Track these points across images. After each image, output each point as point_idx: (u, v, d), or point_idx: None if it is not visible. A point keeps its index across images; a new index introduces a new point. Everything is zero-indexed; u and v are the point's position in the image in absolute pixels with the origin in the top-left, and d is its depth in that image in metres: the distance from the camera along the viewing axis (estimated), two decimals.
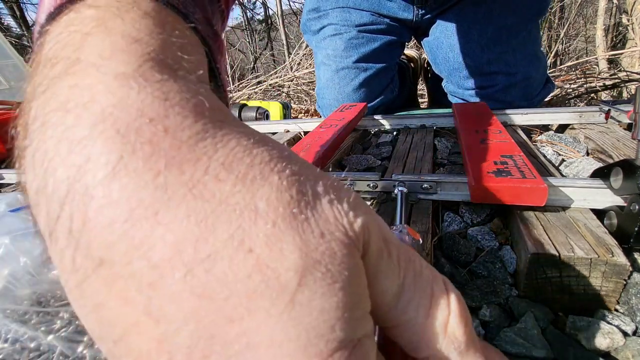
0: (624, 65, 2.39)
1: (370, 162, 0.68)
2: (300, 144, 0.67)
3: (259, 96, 2.77)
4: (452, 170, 0.61)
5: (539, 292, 0.37)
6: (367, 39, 1.10)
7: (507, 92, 1.01)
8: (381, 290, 0.15)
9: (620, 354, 0.31)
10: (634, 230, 0.36)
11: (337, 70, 1.12)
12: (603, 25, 3.24)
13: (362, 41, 1.10)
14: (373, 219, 0.15)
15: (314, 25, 1.20)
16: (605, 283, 0.34)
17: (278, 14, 4.77)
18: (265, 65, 7.03)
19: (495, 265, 0.40)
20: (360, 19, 1.11)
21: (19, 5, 6.30)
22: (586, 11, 5.01)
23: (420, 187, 0.49)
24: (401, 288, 0.15)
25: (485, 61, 0.99)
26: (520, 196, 0.42)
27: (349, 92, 1.12)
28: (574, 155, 0.63)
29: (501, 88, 1.01)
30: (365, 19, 1.11)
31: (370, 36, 1.11)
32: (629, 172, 0.39)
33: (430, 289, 0.16)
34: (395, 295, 0.15)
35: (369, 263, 0.14)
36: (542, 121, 0.78)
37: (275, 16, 6.01)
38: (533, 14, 0.98)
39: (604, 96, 1.79)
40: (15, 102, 1.33)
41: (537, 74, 1.01)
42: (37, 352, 0.34)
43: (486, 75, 1.01)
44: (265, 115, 1.33)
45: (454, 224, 0.47)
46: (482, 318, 0.35)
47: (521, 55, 0.99)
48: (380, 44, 1.11)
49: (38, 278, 0.38)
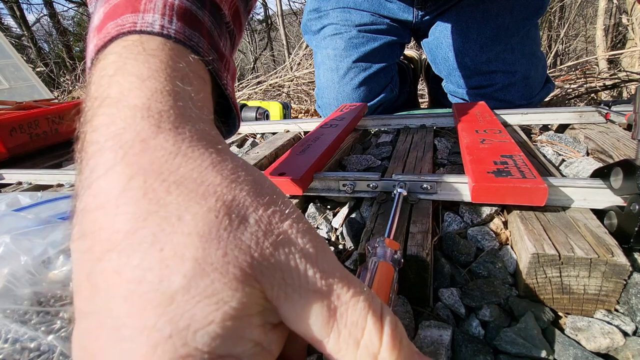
0: (624, 66, 2.39)
1: (370, 162, 0.68)
2: (301, 143, 0.67)
3: (259, 96, 2.77)
4: (452, 170, 0.61)
5: (539, 292, 0.37)
6: (367, 38, 1.11)
7: (506, 91, 1.01)
8: (300, 330, 0.17)
9: (620, 354, 0.31)
10: (634, 230, 0.36)
11: (337, 70, 1.12)
12: (603, 25, 3.24)
13: (362, 41, 1.10)
14: (292, 267, 0.17)
15: (315, 25, 1.21)
16: (605, 283, 0.34)
17: (278, 14, 4.77)
18: (265, 66, 7.02)
19: (495, 265, 0.40)
20: (360, 19, 1.11)
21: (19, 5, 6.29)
22: (586, 11, 5.01)
23: (420, 187, 0.49)
24: (325, 333, 0.16)
25: (484, 60, 1.00)
26: (520, 196, 0.42)
27: (348, 91, 1.12)
28: (574, 155, 0.63)
29: (500, 87, 1.01)
30: (365, 19, 1.11)
31: (370, 36, 1.11)
32: (629, 172, 0.39)
33: (359, 332, 0.17)
34: (320, 338, 0.17)
35: (277, 303, 0.16)
36: (542, 121, 0.78)
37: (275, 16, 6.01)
38: (531, 14, 0.98)
39: (604, 96, 1.79)
40: (15, 102, 1.33)
41: (536, 73, 1.01)
42: (37, 352, 0.34)
43: (485, 74, 1.01)
44: (265, 115, 1.33)
45: (454, 224, 0.47)
46: (482, 318, 0.35)
47: (520, 54, 0.99)
48: (380, 43, 1.11)
49: (38, 277, 0.38)
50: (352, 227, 0.49)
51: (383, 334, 0.17)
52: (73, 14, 7.92)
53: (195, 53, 0.25)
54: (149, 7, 0.25)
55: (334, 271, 0.18)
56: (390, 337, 0.17)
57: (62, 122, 1.23)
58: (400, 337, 0.17)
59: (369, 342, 0.16)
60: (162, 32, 0.24)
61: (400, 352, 0.17)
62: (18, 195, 0.56)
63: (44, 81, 3.19)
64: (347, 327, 0.16)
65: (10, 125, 1.07)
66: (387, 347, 0.16)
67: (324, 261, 0.18)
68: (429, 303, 0.38)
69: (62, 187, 0.78)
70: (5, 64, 2.67)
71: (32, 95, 2.62)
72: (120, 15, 0.24)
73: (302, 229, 0.18)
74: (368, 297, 0.18)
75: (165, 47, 0.23)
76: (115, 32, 0.24)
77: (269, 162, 0.78)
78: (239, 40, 0.39)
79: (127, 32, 0.23)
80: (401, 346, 0.17)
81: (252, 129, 1.04)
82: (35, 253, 0.39)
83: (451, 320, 0.36)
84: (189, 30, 0.26)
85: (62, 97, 3.55)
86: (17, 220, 0.45)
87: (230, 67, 0.32)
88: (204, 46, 0.26)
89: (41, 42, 7.55)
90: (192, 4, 0.28)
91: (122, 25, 0.24)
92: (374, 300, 0.18)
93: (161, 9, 0.25)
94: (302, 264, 0.17)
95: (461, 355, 0.32)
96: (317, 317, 0.16)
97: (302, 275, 0.17)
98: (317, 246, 0.18)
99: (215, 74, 0.28)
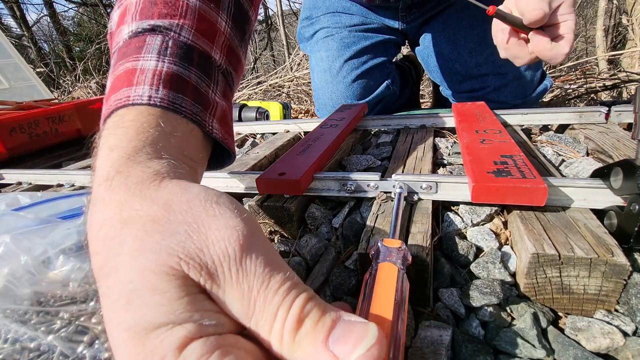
0: (624, 66, 2.39)
1: (370, 162, 0.68)
2: (301, 144, 0.67)
3: (259, 96, 2.77)
4: (452, 170, 0.61)
5: (539, 292, 0.37)
6: (358, 37, 1.12)
7: (499, 93, 1.02)
8: (231, 311, 0.20)
9: (620, 354, 0.31)
10: (634, 230, 0.36)
11: (330, 70, 1.13)
12: (603, 26, 3.24)
13: (353, 40, 1.11)
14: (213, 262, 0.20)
15: (307, 31, 1.24)
16: (605, 283, 0.34)
17: (278, 14, 4.77)
18: (265, 66, 7.03)
19: (495, 265, 0.40)
20: (350, 20, 1.13)
21: (19, 6, 6.29)
22: (586, 12, 5.01)
23: (420, 187, 0.49)
24: (248, 312, 0.20)
25: (474, 65, 1.01)
26: (520, 196, 0.42)
27: (342, 89, 1.12)
28: (574, 155, 0.63)
29: (492, 89, 1.02)
30: (355, 20, 1.13)
31: (362, 35, 1.12)
32: (629, 172, 0.39)
33: (275, 309, 0.20)
34: (243, 317, 0.20)
35: (211, 291, 0.20)
36: (542, 121, 0.78)
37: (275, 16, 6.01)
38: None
39: (604, 96, 1.79)
40: (15, 102, 1.33)
41: (529, 72, 1.01)
42: (37, 352, 0.34)
43: (477, 78, 1.03)
44: (265, 116, 1.33)
45: (454, 224, 0.47)
46: (482, 318, 0.35)
47: None
48: (372, 41, 1.12)
49: (38, 277, 0.38)
50: (352, 227, 0.49)
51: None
52: (73, 14, 7.92)
53: (178, 113, 0.32)
54: (141, 80, 0.32)
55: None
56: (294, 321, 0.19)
57: (62, 122, 1.23)
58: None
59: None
60: (150, 102, 0.31)
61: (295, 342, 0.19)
62: (18, 195, 0.56)
63: (44, 81, 3.19)
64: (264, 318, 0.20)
65: (10, 125, 1.07)
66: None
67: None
68: (429, 303, 0.38)
69: (62, 187, 0.78)
70: (5, 63, 2.67)
71: (32, 95, 2.62)
72: (119, 89, 0.32)
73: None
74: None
75: (142, 116, 0.30)
76: (115, 106, 0.31)
77: (268, 162, 0.78)
78: (239, 72, 0.45)
79: (122, 106, 0.31)
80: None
81: (252, 129, 1.04)
82: (35, 253, 0.39)
83: (451, 320, 0.36)
84: (173, 94, 0.32)
85: (62, 97, 3.55)
86: (17, 220, 0.45)
87: (217, 110, 0.38)
88: (187, 104, 0.33)
89: (41, 42, 7.55)
90: (179, 66, 0.34)
91: (119, 100, 0.31)
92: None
93: (150, 79, 0.32)
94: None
95: (461, 355, 0.32)
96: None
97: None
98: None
99: (199, 124, 0.34)
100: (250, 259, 0.21)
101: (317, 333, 0.19)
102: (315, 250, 0.47)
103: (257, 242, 0.22)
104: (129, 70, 0.33)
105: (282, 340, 0.19)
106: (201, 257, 0.20)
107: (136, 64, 0.33)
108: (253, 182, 0.56)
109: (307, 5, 1.23)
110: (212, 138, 0.37)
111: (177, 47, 0.35)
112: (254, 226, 0.23)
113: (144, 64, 0.33)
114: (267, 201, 0.53)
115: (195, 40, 0.36)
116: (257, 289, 0.20)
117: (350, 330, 0.19)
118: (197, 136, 0.34)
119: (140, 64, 0.33)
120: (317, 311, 0.20)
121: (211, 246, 0.21)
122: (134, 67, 0.33)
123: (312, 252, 0.47)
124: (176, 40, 0.35)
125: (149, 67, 0.33)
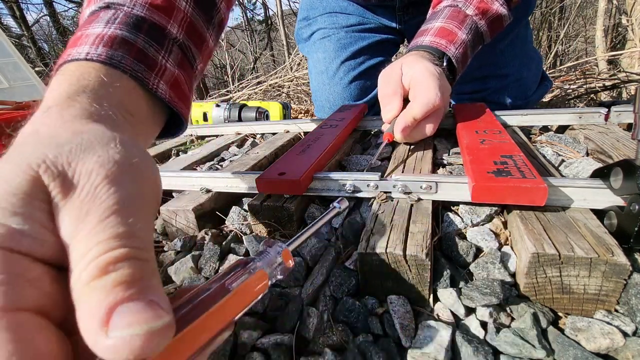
0: (624, 66, 2.40)
1: (370, 162, 0.68)
2: (301, 144, 0.67)
3: (259, 96, 2.77)
4: (452, 170, 0.61)
5: (539, 292, 0.37)
6: (355, 38, 1.11)
7: (500, 94, 1.02)
8: (60, 226, 0.20)
9: (620, 354, 0.31)
10: (634, 230, 0.36)
11: (327, 71, 1.13)
12: (603, 26, 3.24)
13: (350, 40, 1.11)
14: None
15: (305, 32, 1.24)
16: (605, 283, 0.34)
17: (278, 14, 4.77)
18: (265, 66, 7.03)
19: (495, 265, 0.40)
20: (347, 20, 1.13)
21: (19, 5, 6.28)
22: (586, 12, 5.02)
23: (420, 187, 0.49)
24: (73, 232, 0.20)
25: (475, 67, 1.01)
26: (520, 196, 0.42)
27: (339, 90, 1.12)
28: (574, 155, 0.63)
29: (494, 91, 1.02)
30: (352, 20, 1.12)
31: (358, 35, 1.12)
32: (629, 172, 0.39)
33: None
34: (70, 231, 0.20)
35: (54, 200, 0.20)
36: (542, 122, 0.78)
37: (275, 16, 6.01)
38: (519, 16, 0.98)
39: (604, 97, 1.80)
40: (14, 102, 1.32)
41: (529, 72, 1.01)
42: None
43: (478, 79, 1.03)
44: (265, 115, 1.33)
45: (454, 224, 0.47)
46: (482, 318, 0.35)
47: (510, 57, 1.00)
48: (369, 42, 1.12)
49: None
50: (352, 227, 0.49)
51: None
52: (73, 14, 7.91)
53: (116, 68, 0.34)
54: (83, 42, 0.34)
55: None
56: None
57: None
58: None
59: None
60: (86, 58, 0.33)
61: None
62: None
63: (44, 81, 3.19)
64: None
65: (9, 125, 1.07)
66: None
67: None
68: (429, 303, 0.38)
69: None
70: (5, 62, 2.67)
71: (32, 95, 2.62)
72: (68, 48, 0.35)
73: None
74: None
75: (82, 67, 0.32)
76: (62, 60, 0.34)
77: (268, 162, 0.78)
78: (204, 54, 0.46)
79: (63, 63, 0.34)
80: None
81: (252, 129, 1.04)
82: None
83: (451, 320, 0.36)
84: (113, 51, 0.34)
85: None
86: None
87: (166, 73, 0.39)
88: (127, 62, 0.35)
89: (41, 41, 7.55)
90: (124, 31, 0.36)
91: (62, 59, 0.34)
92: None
93: (92, 41, 0.34)
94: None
95: (461, 356, 0.32)
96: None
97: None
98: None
99: (141, 81, 0.35)
100: (108, 189, 0.20)
101: (110, 294, 0.17)
102: (315, 250, 0.47)
103: (127, 183, 0.21)
104: (76, 37, 0.36)
105: (80, 276, 0.18)
106: (65, 167, 0.21)
107: (84, 32, 0.36)
108: (253, 182, 0.56)
109: (305, 6, 1.23)
110: (160, 99, 0.38)
111: (127, 17, 0.37)
112: (138, 170, 0.23)
113: (91, 31, 0.35)
114: (267, 201, 0.53)
115: (149, 14, 0.38)
116: (94, 217, 0.19)
117: (142, 311, 0.17)
118: (139, 94, 0.36)
119: (88, 31, 0.35)
120: (129, 274, 0.18)
121: (80, 162, 0.21)
122: (81, 34, 0.35)
123: (312, 252, 0.47)
124: (128, 13, 0.37)
125: (94, 32, 0.35)
